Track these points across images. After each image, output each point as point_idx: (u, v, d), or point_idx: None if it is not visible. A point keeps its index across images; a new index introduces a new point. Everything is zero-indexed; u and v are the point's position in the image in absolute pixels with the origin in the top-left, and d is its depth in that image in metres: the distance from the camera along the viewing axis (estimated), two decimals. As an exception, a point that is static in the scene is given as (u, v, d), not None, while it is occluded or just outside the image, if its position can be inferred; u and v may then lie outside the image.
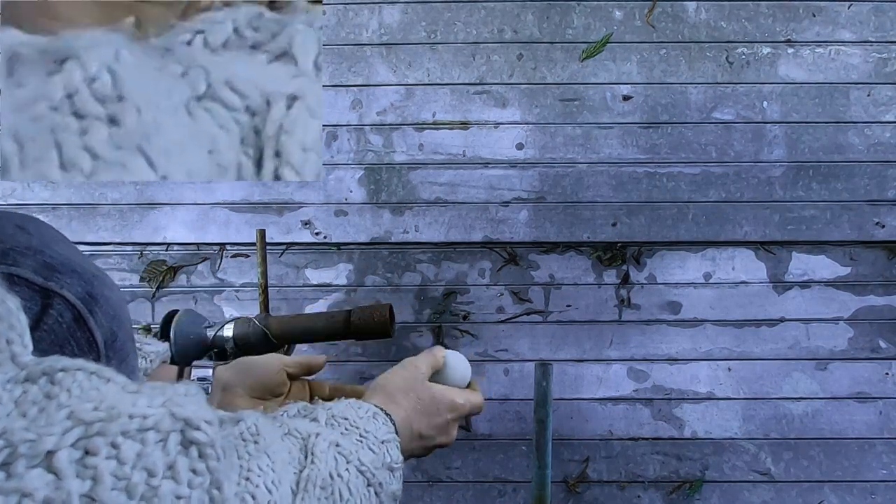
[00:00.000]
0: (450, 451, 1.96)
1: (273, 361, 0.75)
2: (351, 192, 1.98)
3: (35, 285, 0.48)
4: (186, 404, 0.39)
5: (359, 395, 0.72)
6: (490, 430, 1.97)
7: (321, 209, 1.98)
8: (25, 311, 0.46)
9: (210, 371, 0.73)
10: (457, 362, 0.75)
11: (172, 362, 0.75)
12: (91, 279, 0.51)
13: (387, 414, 0.61)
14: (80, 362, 0.38)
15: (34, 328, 0.47)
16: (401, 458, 0.59)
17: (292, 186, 1.98)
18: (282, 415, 0.55)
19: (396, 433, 0.60)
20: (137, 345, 0.68)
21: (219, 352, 0.79)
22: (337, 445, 0.52)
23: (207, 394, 0.72)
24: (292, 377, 0.77)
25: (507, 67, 1.96)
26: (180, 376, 0.72)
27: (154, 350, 0.71)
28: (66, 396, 0.36)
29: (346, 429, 0.55)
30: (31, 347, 0.40)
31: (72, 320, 0.49)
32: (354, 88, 1.97)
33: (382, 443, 0.57)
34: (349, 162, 1.97)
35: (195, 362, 0.74)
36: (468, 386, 0.75)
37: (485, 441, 1.96)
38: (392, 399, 0.64)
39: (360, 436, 0.56)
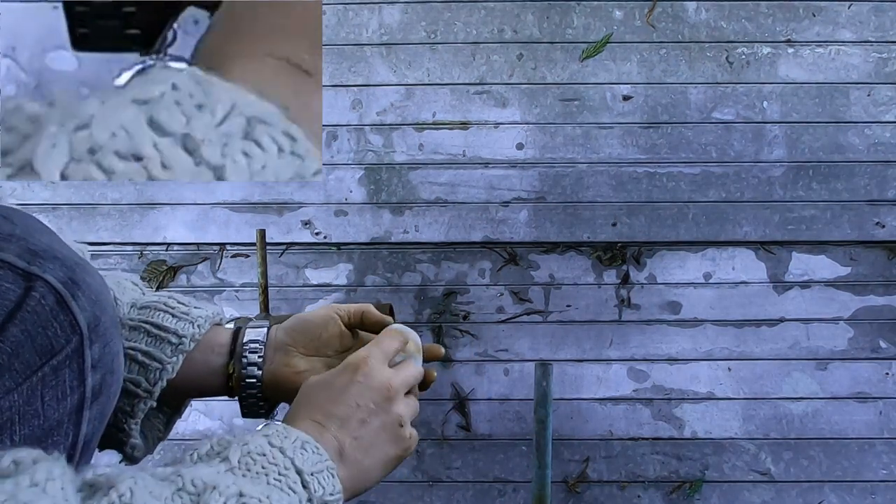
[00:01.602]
0: (450, 450, 1.96)
1: (326, 316, 0.71)
2: (351, 192, 1.98)
3: (18, 269, 0.49)
4: (38, 499, 0.37)
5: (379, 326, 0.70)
6: (490, 430, 1.97)
7: (321, 209, 1.98)
8: (9, 293, 0.48)
9: (263, 332, 0.70)
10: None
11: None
12: (73, 266, 0.52)
13: (316, 442, 0.55)
14: None
15: (17, 309, 0.48)
16: (339, 486, 0.53)
17: (292, 186, 1.98)
18: (192, 454, 0.51)
19: (332, 459, 0.54)
20: (185, 309, 0.67)
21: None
22: (240, 496, 0.46)
23: (260, 357, 0.68)
24: (350, 328, 0.73)
25: (507, 67, 1.97)
26: (235, 337, 0.70)
27: (203, 315, 0.68)
28: None
29: (262, 468, 0.49)
30: None
31: (54, 303, 0.49)
32: (354, 88, 1.97)
33: (312, 475, 0.51)
34: (349, 162, 1.97)
35: (250, 323, 0.71)
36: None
37: (485, 441, 1.96)
38: (320, 418, 0.58)
39: (279, 475, 0.50)
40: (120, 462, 0.64)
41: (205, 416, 1.96)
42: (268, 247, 1.72)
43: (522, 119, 1.97)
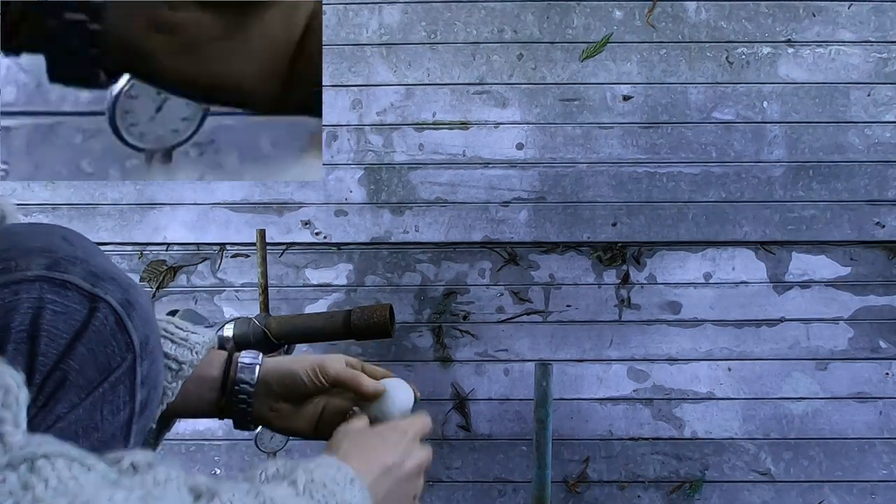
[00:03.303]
0: (450, 450, 1.96)
1: (316, 381, 0.74)
2: (351, 192, 1.98)
3: (84, 291, 0.53)
4: (165, 496, 0.40)
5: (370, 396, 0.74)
6: (490, 430, 1.97)
7: (321, 209, 1.98)
8: (76, 314, 0.51)
9: (255, 369, 0.74)
10: (397, 388, 0.75)
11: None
12: (128, 287, 0.56)
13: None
14: (63, 448, 0.39)
15: (83, 329, 0.52)
16: None
17: (292, 186, 1.98)
18: (260, 474, 0.55)
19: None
20: (183, 334, 0.71)
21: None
22: None
23: (250, 398, 0.72)
24: (335, 385, 0.76)
25: (507, 67, 1.97)
26: (228, 365, 0.74)
27: (200, 341, 0.71)
28: (42, 488, 0.36)
29: (324, 496, 0.54)
30: (24, 427, 0.41)
31: (114, 323, 0.53)
32: (354, 88, 1.97)
33: None
34: (349, 162, 1.97)
35: (241, 356, 0.75)
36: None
37: (485, 441, 1.96)
38: (367, 462, 0.64)
39: None
40: None
41: (205, 416, 1.96)
42: (268, 247, 1.72)
43: (522, 119, 1.97)
